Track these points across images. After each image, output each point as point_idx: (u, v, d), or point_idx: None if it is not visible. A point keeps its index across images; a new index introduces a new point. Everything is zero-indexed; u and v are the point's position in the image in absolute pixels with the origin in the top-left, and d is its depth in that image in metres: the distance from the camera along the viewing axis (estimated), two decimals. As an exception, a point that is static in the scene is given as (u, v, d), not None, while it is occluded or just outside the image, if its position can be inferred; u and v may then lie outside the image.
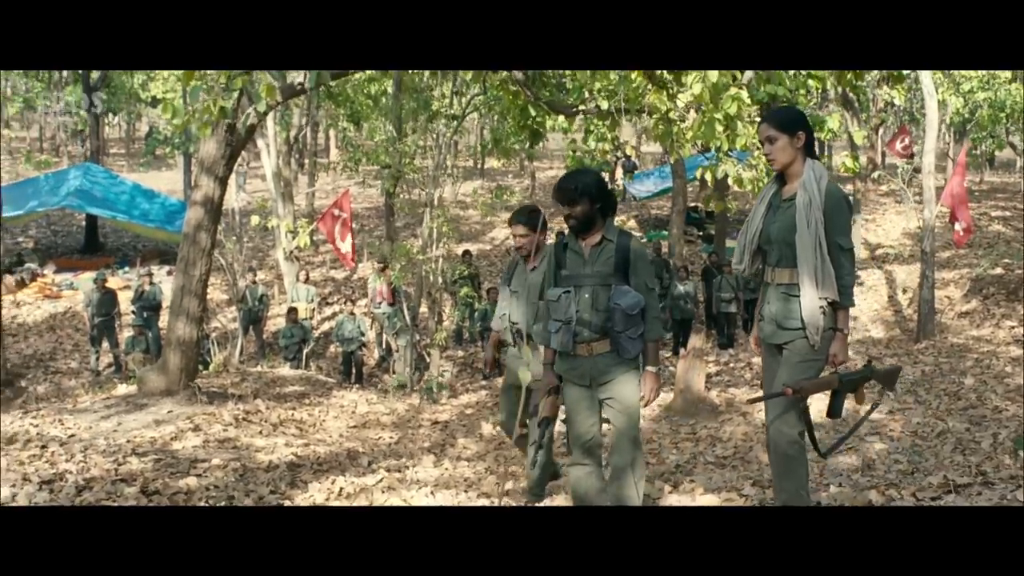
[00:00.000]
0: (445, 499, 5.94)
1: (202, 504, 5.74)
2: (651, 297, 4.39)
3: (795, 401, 3.93)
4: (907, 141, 22.95)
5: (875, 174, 24.94)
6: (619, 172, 23.61)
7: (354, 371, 16.15)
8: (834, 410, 4.13)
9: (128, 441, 7.66)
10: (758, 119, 9.70)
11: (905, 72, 15.05)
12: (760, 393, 5.09)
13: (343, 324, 16.46)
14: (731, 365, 14.96)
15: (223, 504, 5.81)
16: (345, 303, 18.84)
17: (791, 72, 11.06)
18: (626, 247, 4.38)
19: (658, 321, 4.45)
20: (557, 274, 4.52)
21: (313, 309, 18.21)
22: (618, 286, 4.33)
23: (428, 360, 15.27)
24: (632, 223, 26.43)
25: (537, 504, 5.64)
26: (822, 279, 3.83)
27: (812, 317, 3.87)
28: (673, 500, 5.32)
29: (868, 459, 7.48)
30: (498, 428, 6.30)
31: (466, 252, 19.55)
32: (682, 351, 12.56)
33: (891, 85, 15.92)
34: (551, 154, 38.03)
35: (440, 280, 15.46)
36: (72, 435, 7.88)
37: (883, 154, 29.40)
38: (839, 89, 16.04)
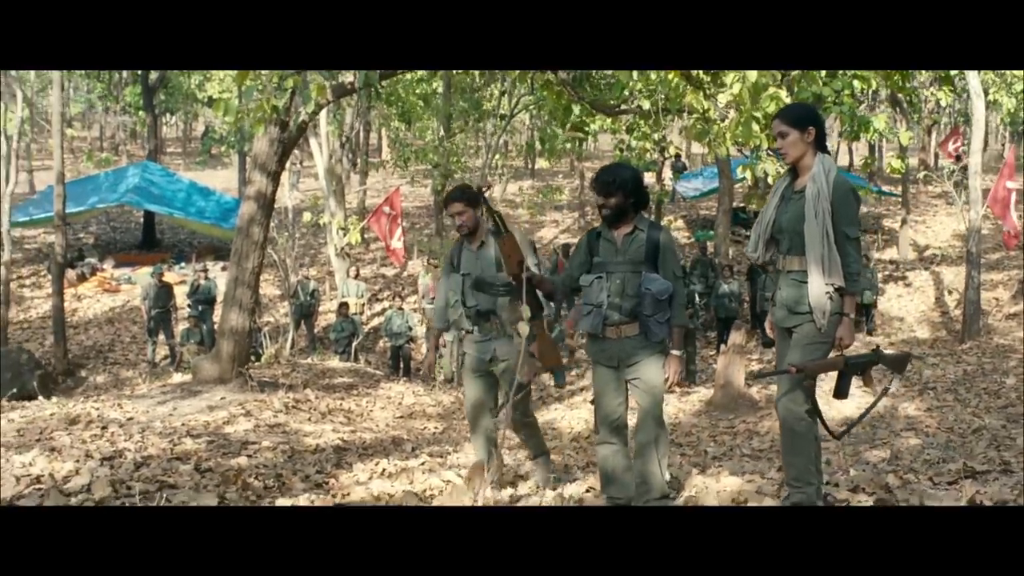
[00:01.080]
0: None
1: (253, 481, 6.04)
2: (678, 285, 4.62)
3: (801, 380, 4.13)
4: (959, 143, 22.86)
5: (921, 175, 24.84)
6: (667, 172, 23.68)
7: (402, 365, 16.46)
8: (840, 391, 4.33)
9: (183, 424, 8.01)
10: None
11: (953, 73, 15.07)
12: (763, 372, 5.36)
13: (392, 319, 16.77)
14: (773, 363, 15.05)
15: (271, 482, 6.11)
16: (394, 299, 19.17)
17: (835, 72, 11.15)
18: (656, 238, 4.61)
19: (684, 308, 4.68)
20: (589, 261, 4.76)
21: (363, 304, 18.53)
22: (647, 273, 4.56)
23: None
24: (680, 223, 26.53)
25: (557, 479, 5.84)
26: (828, 266, 4.03)
27: (819, 302, 4.07)
28: (698, 480, 5.52)
29: (898, 451, 7.62)
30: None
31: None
32: (723, 347, 12.70)
33: (939, 86, 15.93)
34: (601, 154, 38.18)
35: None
36: (130, 418, 8.24)
37: (936, 155, 29.24)
38: (888, 90, 16.04)
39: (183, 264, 22.67)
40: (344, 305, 17.24)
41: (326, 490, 5.99)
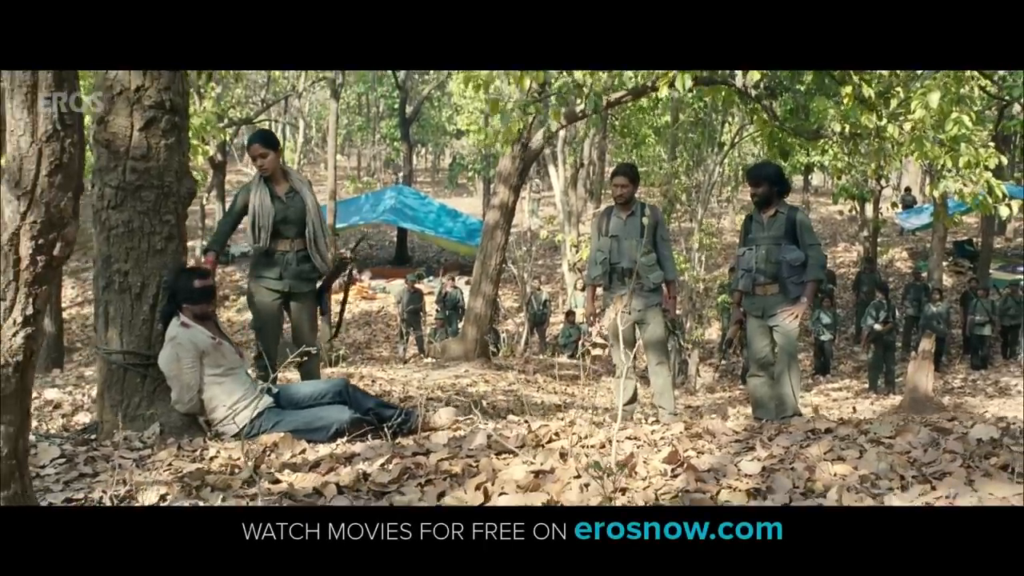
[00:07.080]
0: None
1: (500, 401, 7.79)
2: (812, 251, 6.01)
3: None
4: None
5: None
6: (885, 202, 24.10)
7: (624, 368, 17.95)
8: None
9: (433, 383, 9.90)
10: (990, 143, 10.72)
11: None
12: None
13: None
14: (977, 382, 15.70)
15: (503, 414, 7.83)
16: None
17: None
18: (793, 218, 6.07)
19: (818, 268, 6.04)
20: (745, 237, 6.28)
21: (590, 315, 20.11)
22: (786, 245, 6.02)
23: (688, 359, 16.96)
24: (904, 254, 26.96)
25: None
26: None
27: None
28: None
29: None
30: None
31: (732, 268, 20.99)
32: (912, 354, 13.52)
33: None
34: (827, 190, 38.79)
35: (700, 287, 17.23)
36: (392, 379, 10.21)
37: None
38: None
39: (431, 278, 24.85)
40: (571, 313, 18.94)
41: (547, 418, 7.63)
